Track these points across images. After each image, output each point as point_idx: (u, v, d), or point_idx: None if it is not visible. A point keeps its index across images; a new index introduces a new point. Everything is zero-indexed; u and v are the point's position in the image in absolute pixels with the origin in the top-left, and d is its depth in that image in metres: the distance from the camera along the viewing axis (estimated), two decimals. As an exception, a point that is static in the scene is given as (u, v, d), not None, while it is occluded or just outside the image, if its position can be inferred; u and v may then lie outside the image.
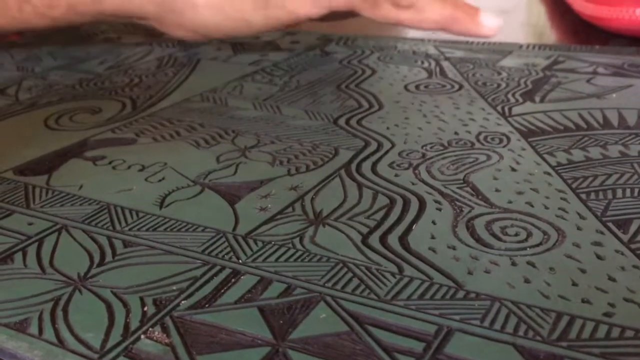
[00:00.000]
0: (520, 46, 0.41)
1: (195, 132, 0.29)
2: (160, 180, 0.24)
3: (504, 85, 0.33)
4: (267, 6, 0.35)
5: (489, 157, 0.25)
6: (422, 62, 0.38)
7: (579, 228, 0.19)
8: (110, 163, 0.26)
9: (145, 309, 0.17)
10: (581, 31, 0.46)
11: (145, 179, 0.24)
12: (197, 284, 0.18)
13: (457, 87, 0.34)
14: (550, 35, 0.48)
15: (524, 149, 0.25)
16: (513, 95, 0.32)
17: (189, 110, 0.32)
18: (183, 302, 0.17)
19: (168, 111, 0.32)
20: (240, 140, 0.28)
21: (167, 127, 0.29)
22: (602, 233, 0.19)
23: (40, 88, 0.36)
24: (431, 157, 0.25)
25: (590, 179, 0.23)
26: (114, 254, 0.19)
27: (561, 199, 0.21)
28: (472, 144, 0.26)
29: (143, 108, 0.32)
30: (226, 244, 0.19)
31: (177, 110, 0.32)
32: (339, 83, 0.35)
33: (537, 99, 0.31)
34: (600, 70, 0.35)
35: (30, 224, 0.21)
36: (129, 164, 0.26)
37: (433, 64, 0.38)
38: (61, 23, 0.37)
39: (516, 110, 0.30)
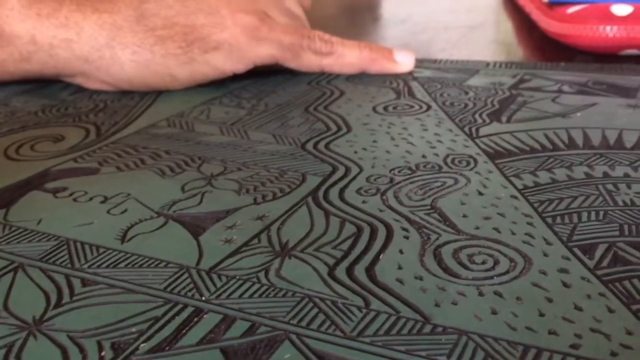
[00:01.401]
0: (487, 64, 0.41)
1: (160, 159, 0.28)
2: (122, 213, 0.23)
3: (471, 105, 0.33)
4: (192, 62, 0.36)
5: (456, 181, 0.25)
6: (391, 83, 0.38)
7: (545, 254, 0.19)
8: (71, 195, 0.25)
9: (103, 353, 0.16)
10: (547, 48, 0.47)
11: (107, 211, 0.24)
12: (158, 325, 0.17)
13: (425, 107, 0.34)
14: (518, 52, 0.49)
15: (490, 172, 0.25)
16: (480, 115, 0.32)
17: (155, 136, 0.31)
18: (142, 345, 0.16)
19: (133, 138, 0.31)
20: (207, 167, 0.27)
21: (132, 154, 0.29)
22: (568, 259, 0.19)
23: (2, 115, 0.35)
24: (399, 182, 0.25)
25: (556, 202, 0.23)
26: (71, 294, 0.19)
27: (527, 223, 0.21)
28: (440, 167, 0.26)
29: (107, 135, 0.32)
30: (189, 279, 0.19)
31: (142, 136, 0.31)
32: (308, 105, 0.35)
33: (504, 119, 0.31)
34: (566, 88, 0.35)
35: (-15, 263, 0.20)
36: (90, 196, 0.25)
37: (401, 84, 0.38)
38: None
39: (483, 131, 0.30)
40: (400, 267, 0.19)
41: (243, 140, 0.30)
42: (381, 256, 0.20)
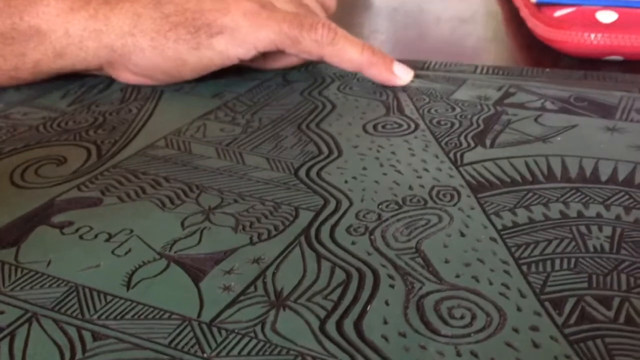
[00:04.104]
0: (475, 69, 0.42)
1: (160, 188, 0.30)
2: (126, 253, 0.25)
3: (457, 124, 0.35)
4: (199, 47, 0.38)
5: (440, 219, 0.26)
6: (380, 94, 0.39)
7: (518, 309, 0.21)
8: (77, 231, 0.27)
9: (118, 417, 0.18)
10: (534, 45, 0.48)
11: (112, 252, 0.25)
12: (166, 385, 0.19)
13: (413, 127, 0.35)
14: (505, 51, 0.50)
15: (472, 208, 0.27)
16: (465, 137, 0.33)
17: (154, 159, 0.32)
18: (153, 407, 0.18)
19: (133, 161, 0.32)
20: (205, 198, 0.29)
21: (133, 182, 0.30)
22: (539, 315, 0.21)
23: (4, 131, 0.36)
24: (386, 219, 0.26)
25: (532, 246, 0.24)
26: (83, 349, 0.20)
27: (504, 271, 0.23)
28: (425, 201, 0.28)
29: (108, 156, 0.33)
30: (192, 334, 0.21)
31: (141, 159, 0.32)
32: (300, 122, 0.36)
33: (488, 142, 0.33)
34: (548, 105, 0.37)
35: (1, 312, 0.22)
36: (95, 232, 0.26)
37: (391, 96, 0.39)
38: (26, 82, 0.41)
39: (467, 157, 0.31)
40: (385, 322, 0.21)
41: (239, 166, 0.31)
42: (369, 307, 0.22)
